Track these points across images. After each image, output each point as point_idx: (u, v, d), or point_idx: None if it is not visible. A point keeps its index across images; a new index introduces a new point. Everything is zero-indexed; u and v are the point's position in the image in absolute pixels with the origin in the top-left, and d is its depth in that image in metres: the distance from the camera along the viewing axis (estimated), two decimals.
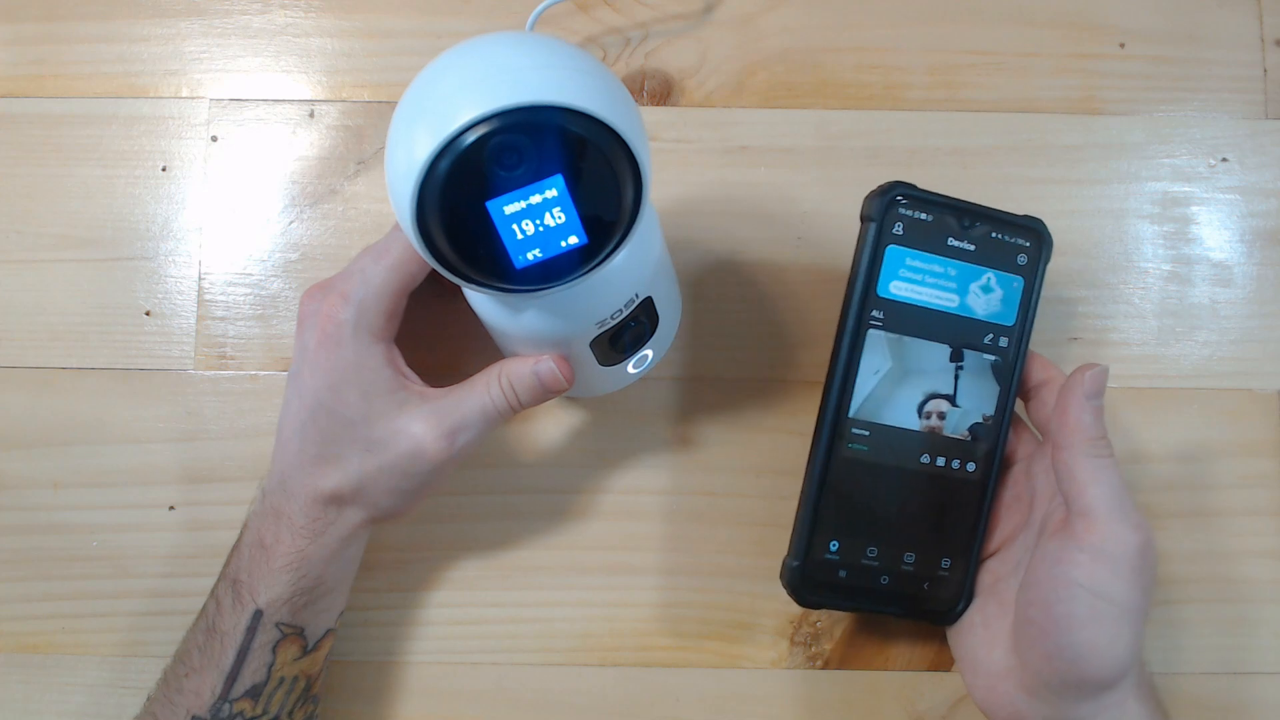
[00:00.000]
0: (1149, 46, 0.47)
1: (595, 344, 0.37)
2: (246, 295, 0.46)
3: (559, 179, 0.29)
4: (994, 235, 0.40)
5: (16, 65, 0.47)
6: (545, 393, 0.37)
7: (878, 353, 0.40)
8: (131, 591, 0.44)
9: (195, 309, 0.46)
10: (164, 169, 0.47)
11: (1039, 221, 0.41)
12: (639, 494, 0.45)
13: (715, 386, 0.45)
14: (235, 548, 0.39)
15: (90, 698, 0.44)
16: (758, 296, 0.41)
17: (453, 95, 0.28)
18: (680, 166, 0.47)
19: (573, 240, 0.30)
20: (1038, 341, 0.46)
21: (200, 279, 0.46)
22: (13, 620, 0.44)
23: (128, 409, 0.45)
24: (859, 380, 0.39)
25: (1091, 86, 0.47)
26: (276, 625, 0.37)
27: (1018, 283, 0.40)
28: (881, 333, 0.40)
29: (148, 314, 0.46)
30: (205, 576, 0.40)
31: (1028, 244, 0.40)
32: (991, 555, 0.41)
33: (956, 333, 0.40)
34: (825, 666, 0.44)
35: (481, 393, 0.37)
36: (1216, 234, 0.47)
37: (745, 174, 0.46)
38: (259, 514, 0.38)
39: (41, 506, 0.45)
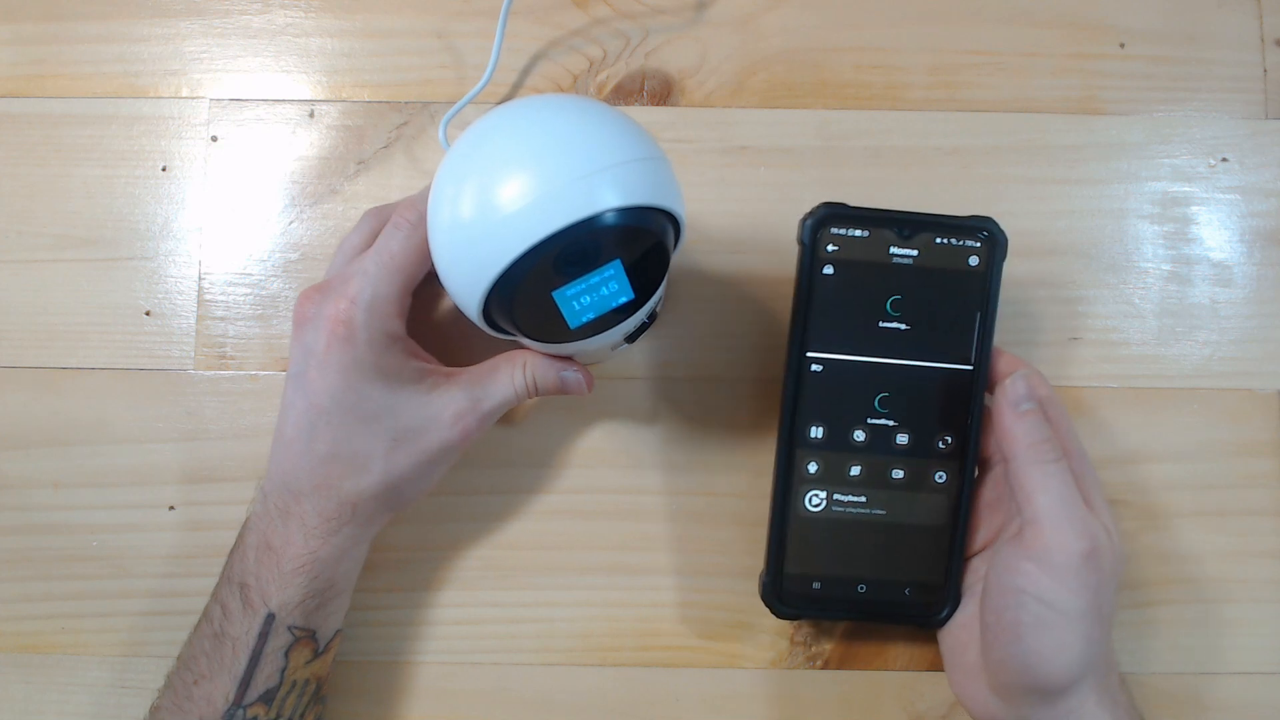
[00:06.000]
0: (1149, 46, 0.47)
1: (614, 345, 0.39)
2: (246, 295, 0.46)
3: (618, 263, 0.31)
4: (939, 240, 0.40)
5: (16, 65, 0.47)
6: (565, 392, 0.40)
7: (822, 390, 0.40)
8: (131, 591, 0.44)
9: (195, 309, 0.46)
10: (164, 169, 0.47)
11: (989, 220, 0.40)
12: (639, 494, 0.45)
13: (716, 386, 0.45)
14: (237, 551, 0.38)
15: (91, 698, 0.44)
16: (758, 297, 0.42)
17: (523, 203, 0.30)
18: (680, 167, 0.46)
19: (623, 300, 0.32)
20: (1038, 341, 0.46)
21: (200, 279, 0.46)
22: (13, 620, 0.44)
23: (128, 409, 0.45)
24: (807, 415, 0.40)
25: (1091, 86, 0.47)
26: (289, 629, 0.37)
27: (972, 285, 0.40)
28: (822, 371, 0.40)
29: (148, 314, 0.46)
30: (205, 577, 0.40)
31: (978, 244, 0.40)
32: (975, 555, 0.41)
33: (908, 349, 0.40)
34: (825, 666, 0.44)
35: (507, 381, 0.39)
36: (1216, 234, 0.47)
37: (745, 174, 0.46)
38: (262, 516, 0.38)
39: (41, 506, 0.45)
